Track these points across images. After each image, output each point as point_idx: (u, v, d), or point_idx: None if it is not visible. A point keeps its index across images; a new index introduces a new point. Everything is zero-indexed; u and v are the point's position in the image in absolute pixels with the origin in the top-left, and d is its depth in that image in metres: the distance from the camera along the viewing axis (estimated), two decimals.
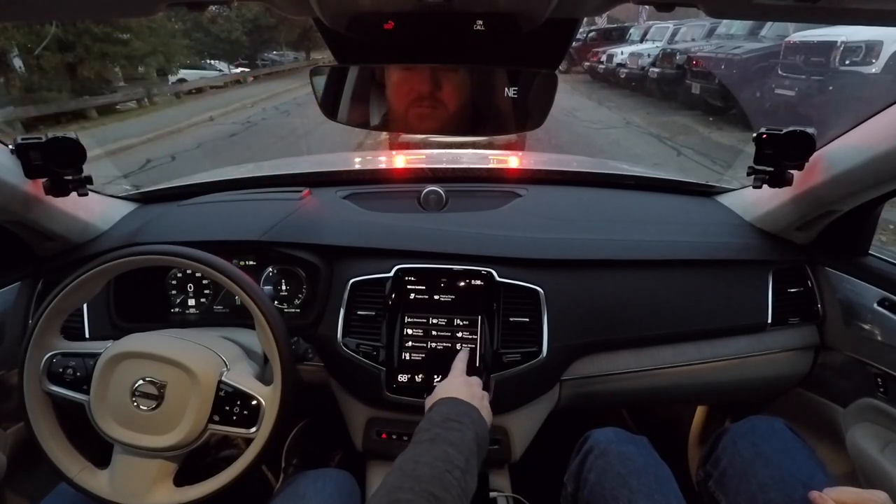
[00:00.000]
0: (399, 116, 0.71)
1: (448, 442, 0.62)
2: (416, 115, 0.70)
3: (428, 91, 0.67)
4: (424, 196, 1.09)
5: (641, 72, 9.66)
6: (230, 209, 1.09)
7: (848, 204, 0.86)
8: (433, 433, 0.63)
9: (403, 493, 0.53)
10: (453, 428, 0.65)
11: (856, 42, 4.92)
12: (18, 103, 9.16)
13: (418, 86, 0.67)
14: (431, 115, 0.68)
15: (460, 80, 0.67)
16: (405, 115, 0.70)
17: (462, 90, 0.67)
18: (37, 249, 0.96)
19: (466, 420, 0.68)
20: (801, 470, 0.73)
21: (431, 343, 0.91)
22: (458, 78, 0.67)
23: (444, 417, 0.67)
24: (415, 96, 0.68)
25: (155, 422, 0.73)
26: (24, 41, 9.11)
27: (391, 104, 0.70)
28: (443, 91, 0.67)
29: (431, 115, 0.68)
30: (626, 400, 1.17)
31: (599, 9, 0.51)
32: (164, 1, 0.45)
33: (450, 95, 0.67)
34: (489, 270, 0.92)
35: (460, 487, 0.57)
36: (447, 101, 0.67)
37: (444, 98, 0.67)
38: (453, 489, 0.56)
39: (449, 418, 0.67)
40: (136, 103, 11.46)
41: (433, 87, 0.67)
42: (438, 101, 0.67)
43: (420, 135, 2.18)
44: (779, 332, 1.00)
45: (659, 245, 0.99)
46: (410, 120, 0.71)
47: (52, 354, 0.77)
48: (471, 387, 0.78)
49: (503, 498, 0.94)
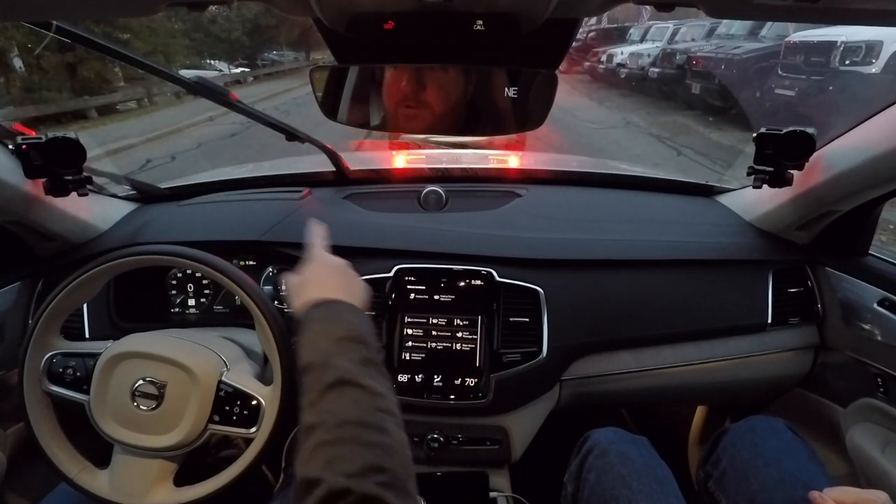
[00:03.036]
0: (390, 116, 0.71)
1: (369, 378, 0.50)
2: (403, 116, 0.70)
3: (411, 91, 0.67)
4: (424, 196, 1.09)
5: (641, 72, 9.65)
6: (230, 209, 1.09)
7: (848, 204, 0.86)
8: (337, 370, 0.50)
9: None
10: (351, 350, 0.53)
11: (856, 42, 4.92)
12: (18, 103, 9.16)
13: (404, 86, 0.68)
14: (417, 116, 0.69)
15: (448, 81, 0.66)
16: (395, 114, 0.70)
17: (449, 91, 0.67)
18: (37, 249, 0.96)
19: (357, 328, 0.56)
20: (801, 470, 0.73)
21: (431, 343, 0.91)
22: (446, 78, 0.66)
23: (337, 339, 0.54)
24: (400, 97, 0.69)
25: (155, 422, 0.73)
26: (24, 41, 9.12)
27: (384, 104, 0.70)
28: (426, 92, 0.67)
29: (417, 116, 0.69)
30: (626, 400, 1.17)
31: (599, 9, 0.51)
32: (164, 1, 0.45)
33: (434, 96, 0.67)
34: (489, 270, 0.92)
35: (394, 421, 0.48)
36: (431, 102, 0.67)
37: (427, 99, 0.67)
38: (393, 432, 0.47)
39: (340, 338, 0.54)
40: (136, 103, 11.44)
41: (417, 88, 0.67)
42: (422, 101, 0.67)
43: (410, 134, 2.18)
44: (779, 332, 1.00)
45: (659, 245, 0.99)
46: (399, 120, 0.71)
47: (52, 354, 0.77)
48: (337, 273, 0.65)
49: (503, 498, 0.94)
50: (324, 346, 0.53)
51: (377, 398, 0.49)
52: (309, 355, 0.53)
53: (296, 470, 0.44)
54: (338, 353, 0.52)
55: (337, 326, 0.56)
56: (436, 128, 0.72)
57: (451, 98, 0.67)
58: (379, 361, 0.54)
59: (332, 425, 0.45)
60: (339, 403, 0.47)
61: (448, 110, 0.68)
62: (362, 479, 0.40)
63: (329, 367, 0.50)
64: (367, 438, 0.44)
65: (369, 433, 0.45)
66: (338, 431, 0.44)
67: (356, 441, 0.44)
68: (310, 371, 0.51)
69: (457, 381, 0.90)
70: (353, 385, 0.49)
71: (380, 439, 0.44)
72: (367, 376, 0.50)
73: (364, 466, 0.41)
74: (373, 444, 0.44)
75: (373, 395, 0.49)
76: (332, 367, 0.50)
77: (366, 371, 0.51)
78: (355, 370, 0.50)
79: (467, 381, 0.90)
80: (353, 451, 0.43)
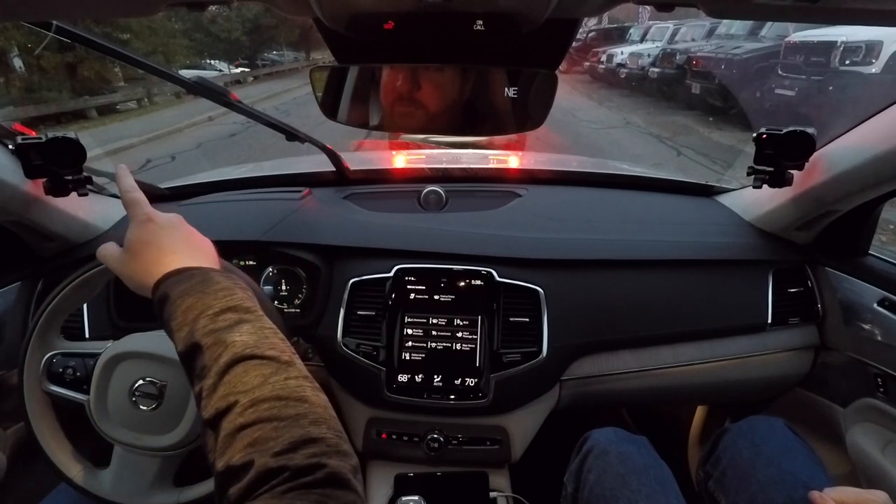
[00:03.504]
0: (387, 115, 0.71)
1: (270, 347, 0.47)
2: (399, 115, 0.70)
3: (406, 91, 0.67)
4: (424, 196, 1.09)
5: (641, 72, 9.66)
6: (230, 209, 1.09)
7: (848, 204, 0.86)
8: (233, 345, 0.45)
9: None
10: (238, 320, 0.48)
11: (856, 42, 4.92)
12: (18, 103, 9.16)
13: (399, 85, 0.67)
14: (412, 115, 0.68)
15: (444, 81, 0.66)
16: (391, 113, 0.70)
17: (445, 90, 0.66)
18: (37, 249, 0.96)
19: (233, 293, 0.50)
20: (801, 470, 0.73)
21: (431, 343, 0.91)
22: (442, 78, 0.66)
23: (217, 312, 0.48)
24: (396, 96, 0.68)
25: (155, 422, 0.73)
26: (24, 41, 9.12)
27: (382, 103, 0.70)
28: (421, 91, 0.66)
29: (412, 115, 0.68)
30: (626, 400, 1.17)
31: (599, 9, 0.51)
32: (164, 1, 0.45)
33: (429, 96, 0.66)
34: (489, 270, 0.92)
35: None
36: (426, 102, 0.67)
37: (421, 98, 0.67)
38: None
39: (221, 310, 0.49)
40: (136, 103, 11.45)
41: (412, 87, 0.67)
42: (416, 101, 0.67)
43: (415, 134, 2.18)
44: (779, 332, 1.00)
45: (659, 245, 0.99)
46: (396, 119, 0.71)
47: (52, 354, 0.77)
48: (177, 232, 0.57)
49: (503, 498, 0.94)
50: (205, 324, 0.47)
51: (285, 367, 0.45)
52: (190, 337, 0.47)
53: (213, 464, 0.41)
54: (226, 327, 0.47)
55: (212, 297, 0.49)
56: (432, 127, 0.71)
57: (446, 97, 0.66)
58: (273, 325, 0.49)
59: (246, 406, 0.41)
60: (246, 381, 0.43)
61: (443, 109, 0.68)
62: (293, 454, 0.38)
63: (221, 345, 0.45)
64: (288, 412, 0.41)
65: (288, 406, 0.41)
66: (253, 412, 0.41)
67: (276, 417, 0.40)
68: (197, 355, 0.46)
69: (457, 381, 0.90)
70: (255, 358, 0.45)
71: (301, 409, 0.42)
72: (267, 346, 0.46)
73: (292, 441, 0.39)
74: (296, 416, 0.41)
75: (279, 364, 0.45)
76: (223, 343, 0.45)
77: (264, 341, 0.47)
78: (251, 341, 0.46)
79: (467, 381, 0.90)
80: (276, 427, 0.40)
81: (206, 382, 0.45)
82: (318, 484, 0.37)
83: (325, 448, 0.39)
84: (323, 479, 0.37)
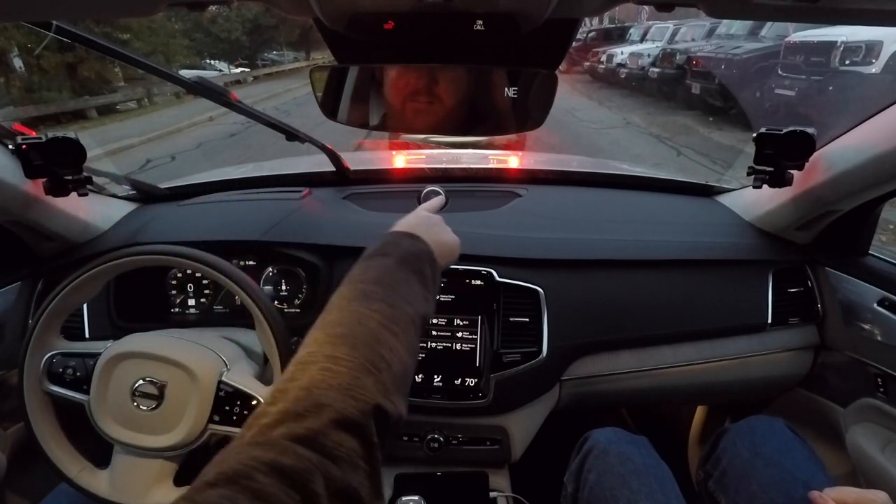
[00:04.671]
0: (396, 113, 0.70)
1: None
2: (412, 111, 0.69)
3: (424, 85, 0.67)
4: (424, 196, 1.09)
5: (641, 72, 9.66)
6: (230, 209, 1.09)
7: (848, 204, 0.86)
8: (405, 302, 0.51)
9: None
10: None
11: (856, 42, 4.92)
12: (18, 103, 9.16)
13: (415, 80, 0.67)
14: (428, 111, 0.68)
15: (457, 75, 0.66)
16: (402, 111, 0.69)
17: (459, 85, 0.66)
18: (37, 249, 0.96)
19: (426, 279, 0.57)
20: (801, 470, 0.73)
21: (431, 343, 0.91)
22: (455, 73, 0.66)
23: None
24: (411, 90, 0.68)
25: (155, 422, 0.73)
26: (24, 41, 9.12)
27: (388, 101, 0.69)
28: (439, 85, 0.66)
29: (428, 111, 0.68)
30: (626, 400, 1.17)
31: (599, 9, 0.51)
32: (164, 1, 0.45)
33: (446, 90, 0.66)
34: (489, 270, 0.92)
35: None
36: (443, 96, 0.66)
37: (440, 93, 0.66)
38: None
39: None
40: (136, 103, 11.44)
41: (429, 82, 0.66)
42: (435, 95, 0.66)
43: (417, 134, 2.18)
44: (779, 332, 1.00)
45: (659, 245, 0.99)
46: (407, 116, 0.70)
47: (52, 354, 0.77)
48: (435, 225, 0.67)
49: (503, 498, 0.94)
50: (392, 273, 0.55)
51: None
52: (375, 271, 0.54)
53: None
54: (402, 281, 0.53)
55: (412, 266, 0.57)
56: (438, 127, 0.71)
57: (460, 92, 0.66)
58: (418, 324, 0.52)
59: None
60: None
61: (457, 104, 0.67)
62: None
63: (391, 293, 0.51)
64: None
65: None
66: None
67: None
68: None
69: (457, 382, 0.90)
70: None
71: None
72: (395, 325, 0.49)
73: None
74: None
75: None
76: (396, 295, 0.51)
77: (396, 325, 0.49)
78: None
79: (467, 382, 0.90)
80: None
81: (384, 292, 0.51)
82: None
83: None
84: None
